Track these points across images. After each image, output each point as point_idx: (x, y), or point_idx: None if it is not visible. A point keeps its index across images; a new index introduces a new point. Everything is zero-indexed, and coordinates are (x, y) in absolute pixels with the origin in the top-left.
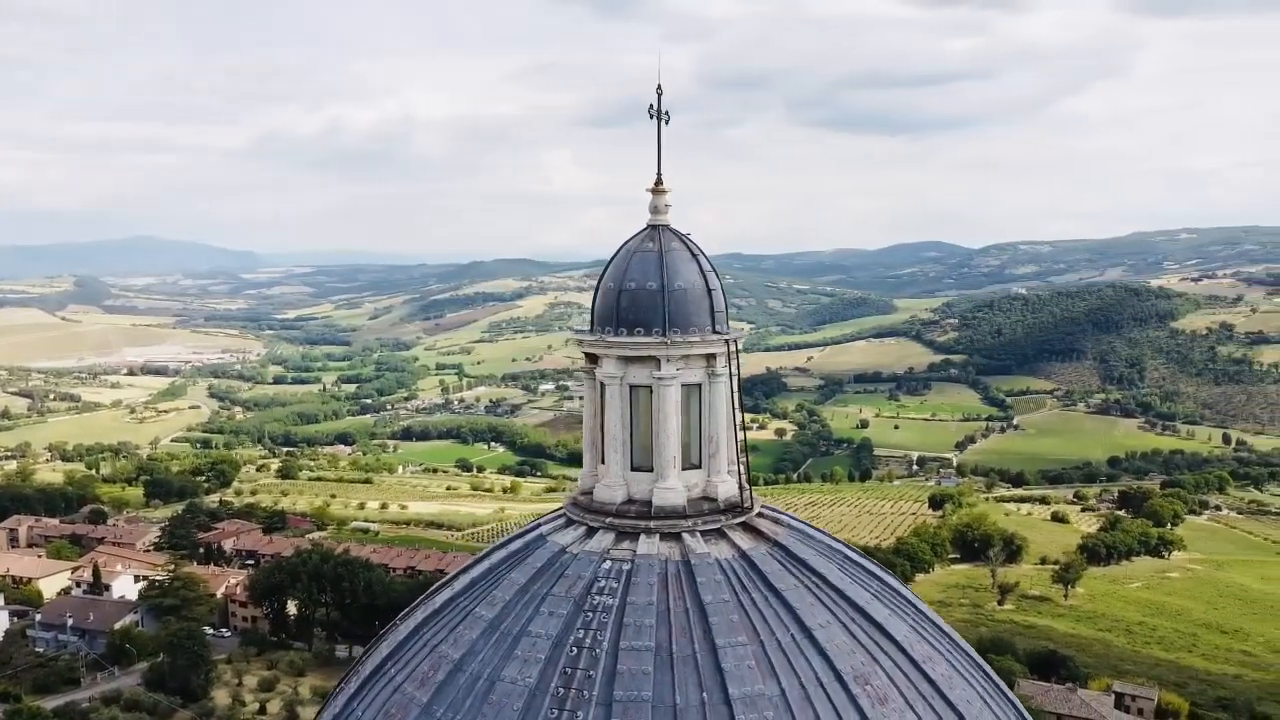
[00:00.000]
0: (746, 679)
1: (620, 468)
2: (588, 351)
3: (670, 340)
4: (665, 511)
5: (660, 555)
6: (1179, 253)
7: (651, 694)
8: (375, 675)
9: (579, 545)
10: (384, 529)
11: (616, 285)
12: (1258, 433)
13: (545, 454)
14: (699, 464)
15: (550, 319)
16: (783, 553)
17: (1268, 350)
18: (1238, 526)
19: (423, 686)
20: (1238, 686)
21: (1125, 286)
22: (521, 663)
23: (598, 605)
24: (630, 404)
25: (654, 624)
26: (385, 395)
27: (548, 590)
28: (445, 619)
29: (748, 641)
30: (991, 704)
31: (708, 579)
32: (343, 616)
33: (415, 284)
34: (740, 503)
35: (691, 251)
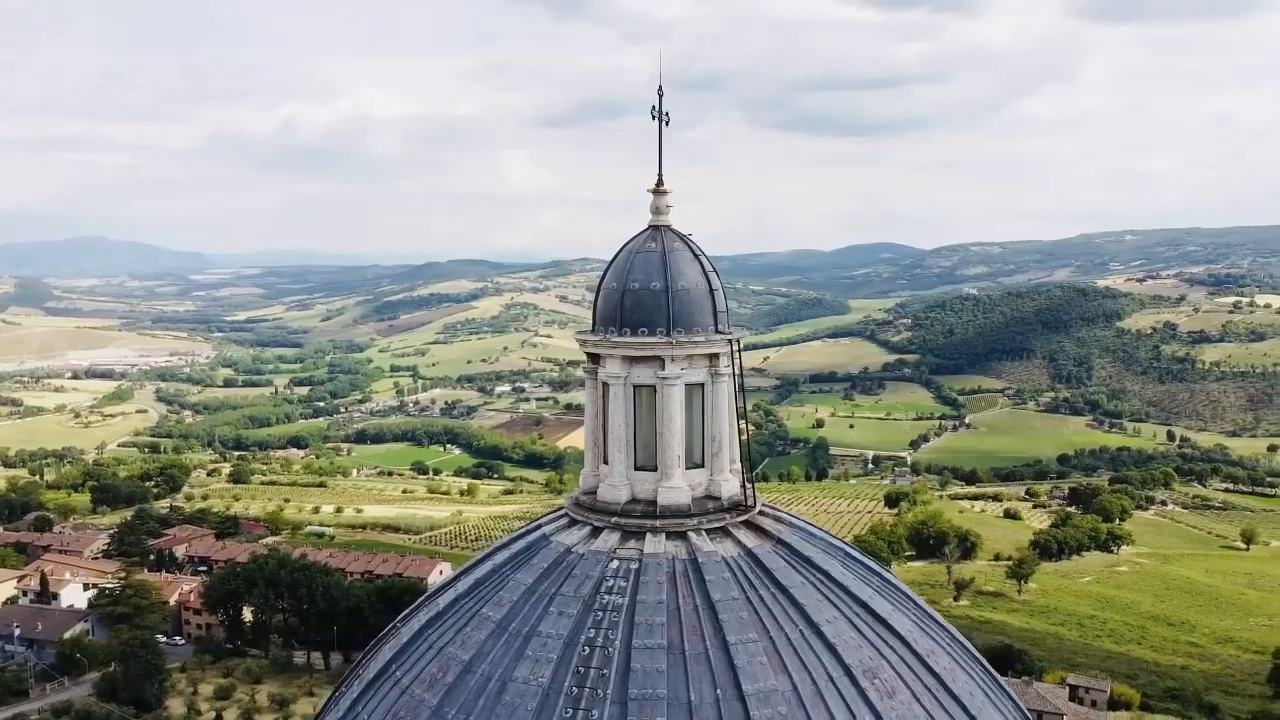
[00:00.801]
0: (759, 675)
1: (624, 467)
2: (590, 352)
3: (675, 340)
4: (670, 510)
5: (667, 554)
6: (1124, 254)
7: (666, 691)
8: (380, 678)
9: (584, 545)
10: (340, 533)
11: (620, 286)
12: (1200, 429)
13: (502, 456)
14: (702, 463)
15: (506, 320)
16: (787, 550)
17: (1209, 349)
18: (1183, 521)
19: (432, 688)
20: (1186, 677)
21: (1073, 287)
22: (533, 663)
23: (607, 604)
24: (633, 404)
25: (665, 622)
26: (338, 398)
27: (555, 590)
28: (451, 620)
29: (758, 638)
30: (991, 696)
31: (716, 577)
32: (301, 622)
33: (368, 285)
34: (743, 501)
35: (694, 252)
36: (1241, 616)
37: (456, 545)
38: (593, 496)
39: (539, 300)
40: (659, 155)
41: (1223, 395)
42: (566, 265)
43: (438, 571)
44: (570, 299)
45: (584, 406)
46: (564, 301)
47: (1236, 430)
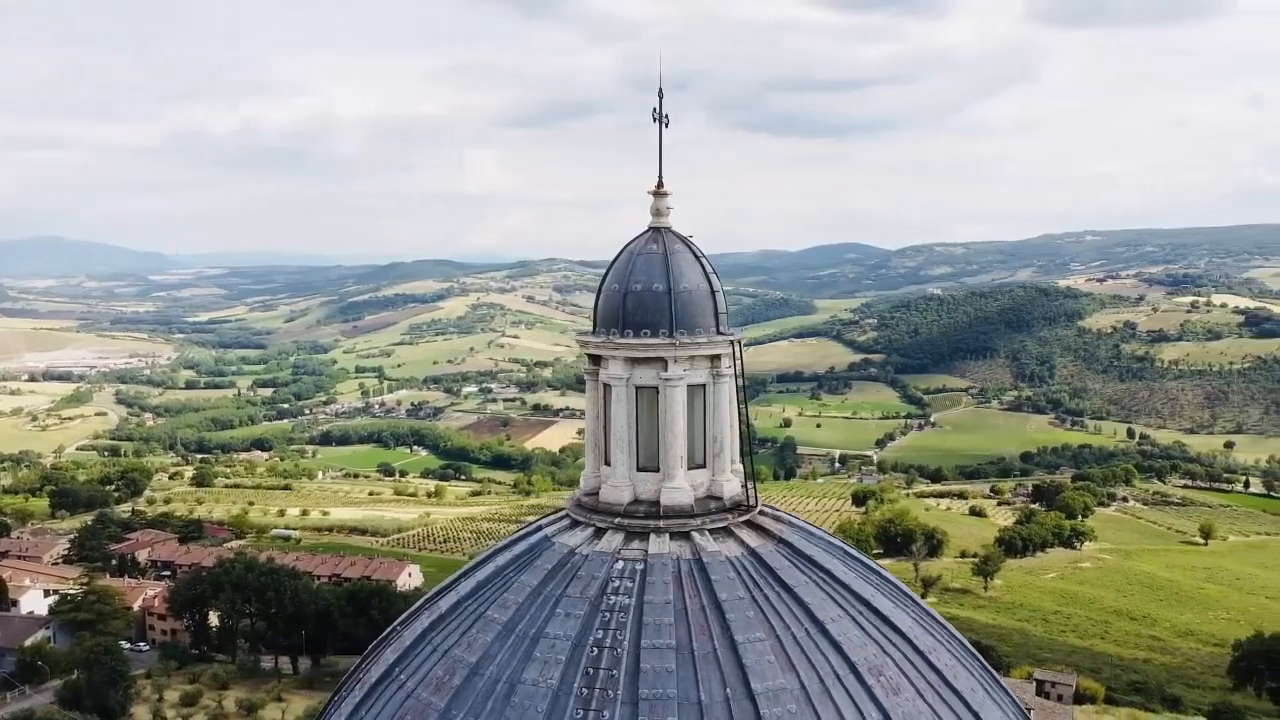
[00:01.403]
0: (767, 674)
1: (626, 468)
2: (591, 353)
3: (678, 342)
4: (674, 511)
5: (672, 554)
6: (1085, 254)
7: (676, 691)
8: (383, 682)
9: (588, 546)
10: (306, 536)
11: (622, 287)
12: (1159, 427)
13: (469, 457)
14: (703, 463)
15: (473, 320)
16: (789, 549)
17: (1167, 348)
18: (1143, 517)
19: (438, 691)
20: (1148, 670)
21: (1035, 287)
22: (541, 664)
23: (614, 605)
24: (635, 405)
25: (672, 622)
26: (303, 399)
27: (561, 592)
28: (454, 623)
29: (765, 637)
30: (991, 693)
31: (721, 577)
32: (268, 627)
33: (333, 285)
34: (744, 501)
35: (694, 253)
36: (1201, 610)
37: (425, 548)
38: (595, 498)
39: (506, 301)
40: (659, 157)
41: (1181, 393)
42: (533, 265)
43: (406, 574)
44: (537, 299)
45: (550, 407)
46: (531, 302)
47: (1194, 427)
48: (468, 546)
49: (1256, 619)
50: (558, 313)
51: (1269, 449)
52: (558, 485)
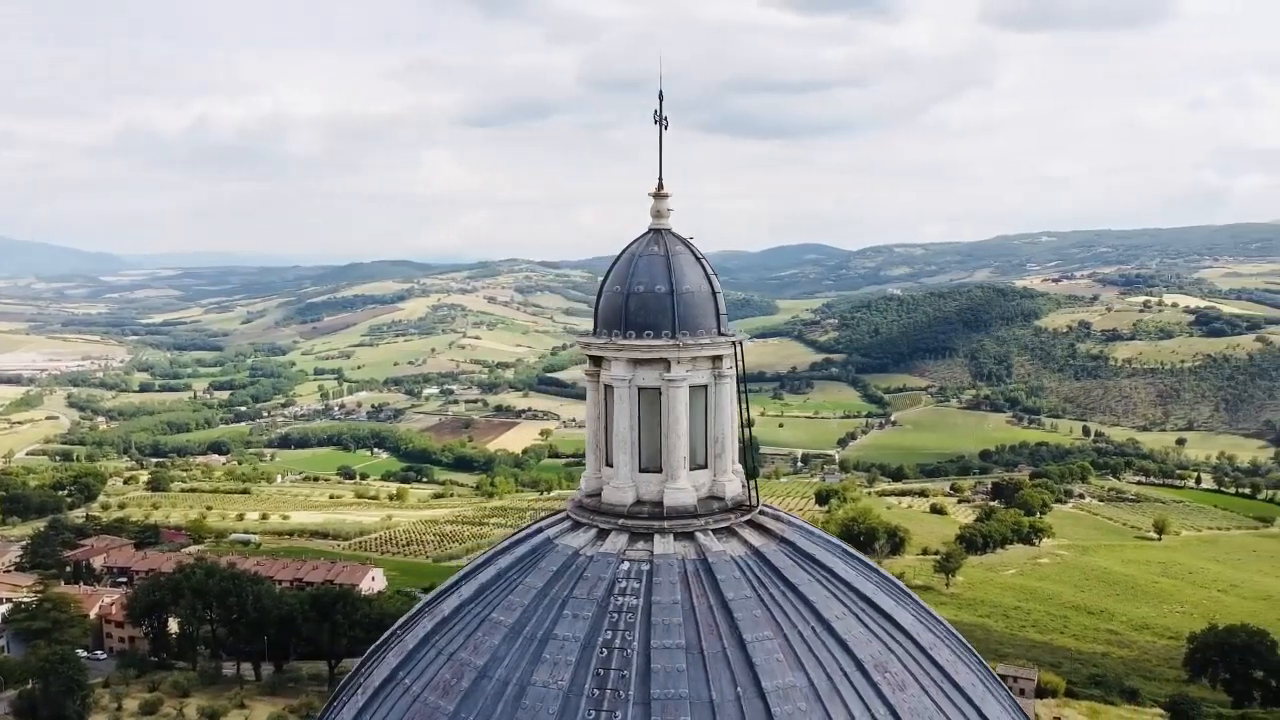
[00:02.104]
0: (777, 672)
1: (629, 470)
2: (592, 355)
3: (681, 342)
4: (678, 511)
5: (677, 555)
6: (1040, 255)
7: (688, 690)
8: (387, 686)
9: (592, 547)
10: (266, 540)
11: (624, 288)
12: (1114, 424)
13: (431, 459)
14: (705, 464)
15: (433, 321)
16: (791, 548)
17: (1121, 347)
18: (1099, 513)
19: (446, 695)
20: (1107, 664)
21: (992, 287)
22: (551, 666)
23: (622, 606)
24: (638, 406)
25: (681, 622)
26: (261, 402)
27: (568, 593)
28: (459, 626)
29: (773, 635)
30: (990, 688)
31: (727, 576)
32: (230, 633)
33: (290, 286)
34: (745, 501)
35: (695, 255)
36: (1156, 604)
37: (387, 551)
38: (597, 499)
39: (467, 301)
40: (659, 159)
41: (1134, 391)
42: (494, 266)
43: (369, 578)
44: (499, 300)
45: (512, 408)
46: (492, 303)
47: (1147, 425)
48: (431, 549)
49: (1210, 612)
50: (519, 314)
51: (1219, 445)
52: (521, 487)
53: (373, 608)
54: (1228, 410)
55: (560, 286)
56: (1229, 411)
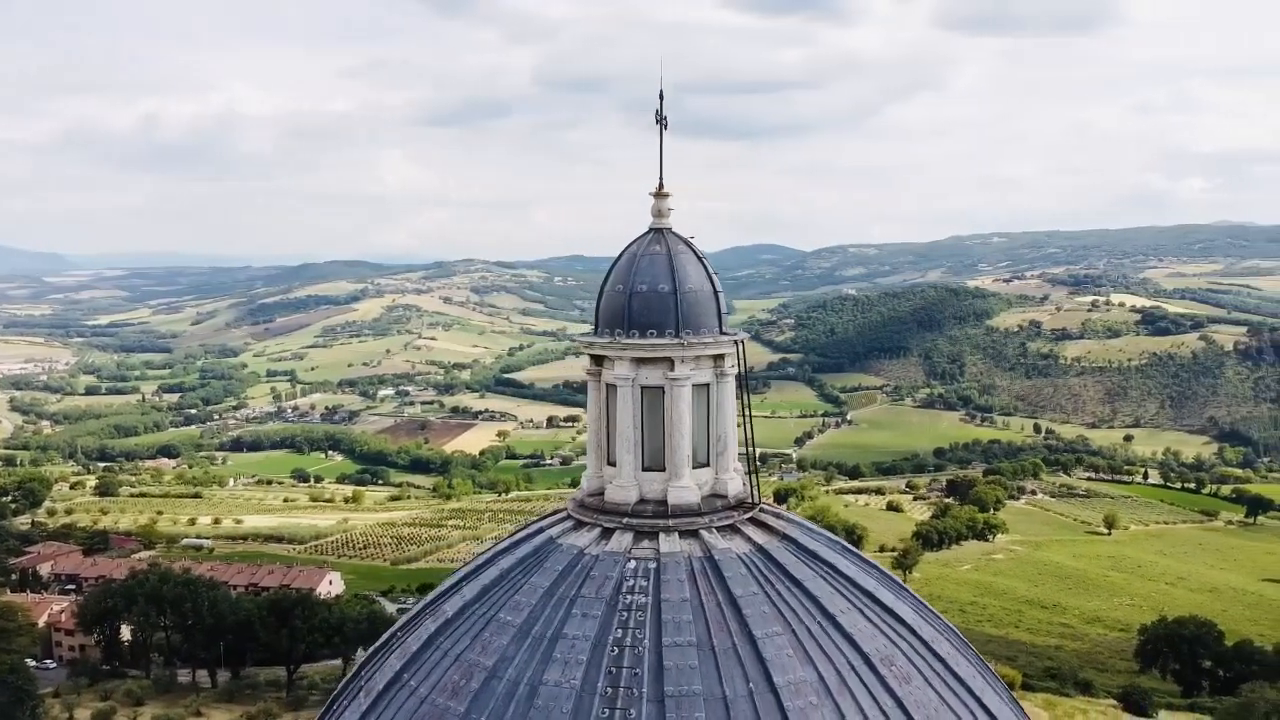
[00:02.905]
0: (787, 667)
1: (632, 468)
2: (594, 354)
3: (686, 342)
4: (682, 510)
5: (683, 553)
6: (992, 255)
7: (701, 687)
8: (392, 688)
9: (597, 547)
10: (219, 545)
11: (626, 288)
12: (1063, 422)
13: (387, 461)
14: (707, 462)
15: (388, 322)
16: (793, 545)
17: (1070, 346)
18: (1051, 509)
19: (456, 696)
20: (1061, 656)
21: (945, 287)
22: (562, 665)
23: (631, 604)
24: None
25: (691, 619)
26: (212, 404)
27: (575, 592)
28: (464, 627)
29: (782, 631)
30: (988, 680)
31: (734, 573)
32: (185, 640)
33: (241, 287)
34: (747, 498)
35: (696, 254)
36: (1107, 597)
37: (344, 554)
38: (599, 498)
39: (422, 302)
40: (660, 159)
41: (1083, 389)
42: (450, 266)
43: (327, 582)
44: (455, 300)
45: (469, 409)
46: (448, 303)
47: (1095, 422)
48: (389, 552)
49: (1159, 604)
50: (475, 314)
51: (1165, 442)
52: (479, 488)
53: (332, 612)
54: (1173, 407)
55: (517, 287)
56: (1174, 408)
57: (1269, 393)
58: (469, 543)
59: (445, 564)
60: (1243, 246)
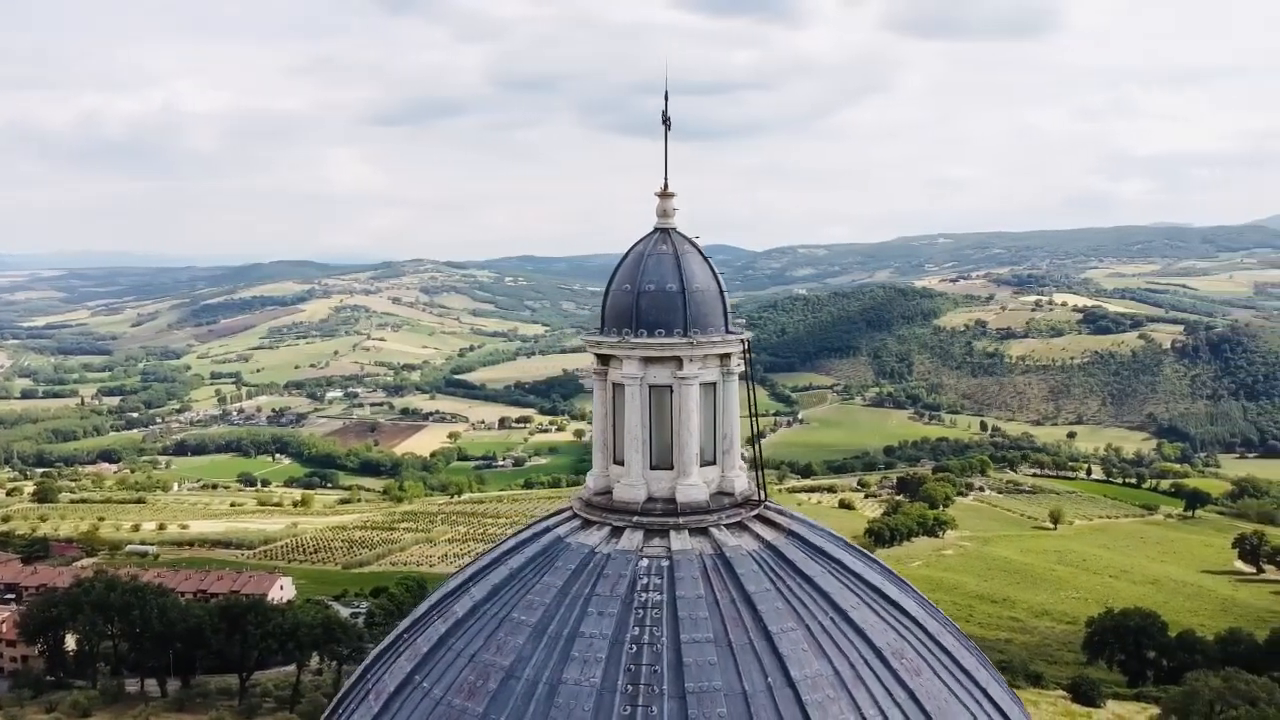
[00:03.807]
0: (804, 661)
1: (641, 467)
2: (600, 353)
3: (695, 341)
4: (691, 508)
5: (695, 550)
6: (938, 255)
7: (721, 682)
8: (404, 690)
9: (608, 545)
10: (165, 551)
11: (634, 287)
12: (1009, 419)
13: (336, 464)
14: (714, 460)
15: (336, 323)
16: (800, 541)
17: (1015, 345)
18: (999, 505)
19: (473, 697)
20: (1011, 650)
21: (893, 287)
22: (581, 664)
23: (646, 602)
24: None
25: (708, 616)
26: (154, 408)
27: (589, 591)
28: (476, 627)
29: (796, 626)
30: (990, 671)
31: (746, 570)
32: (132, 648)
33: (184, 287)
34: (752, 496)
35: (702, 254)
36: (1054, 591)
37: (295, 559)
38: (607, 497)
39: (370, 303)
40: (665, 159)
41: (1027, 387)
42: (399, 266)
43: (278, 587)
44: (404, 301)
45: (419, 411)
46: (397, 304)
47: (1040, 419)
48: (340, 556)
49: (1104, 597)
50: (425, 315)
51: (1106, 438)
52: (430, 490)
53: (286, 618)
54: (1113, 404)
55: (467, 287)
56: (1115, 405)
57: (1205, 390)
58: (422, 545)
59: (398, 567)
60: (1179, 247)
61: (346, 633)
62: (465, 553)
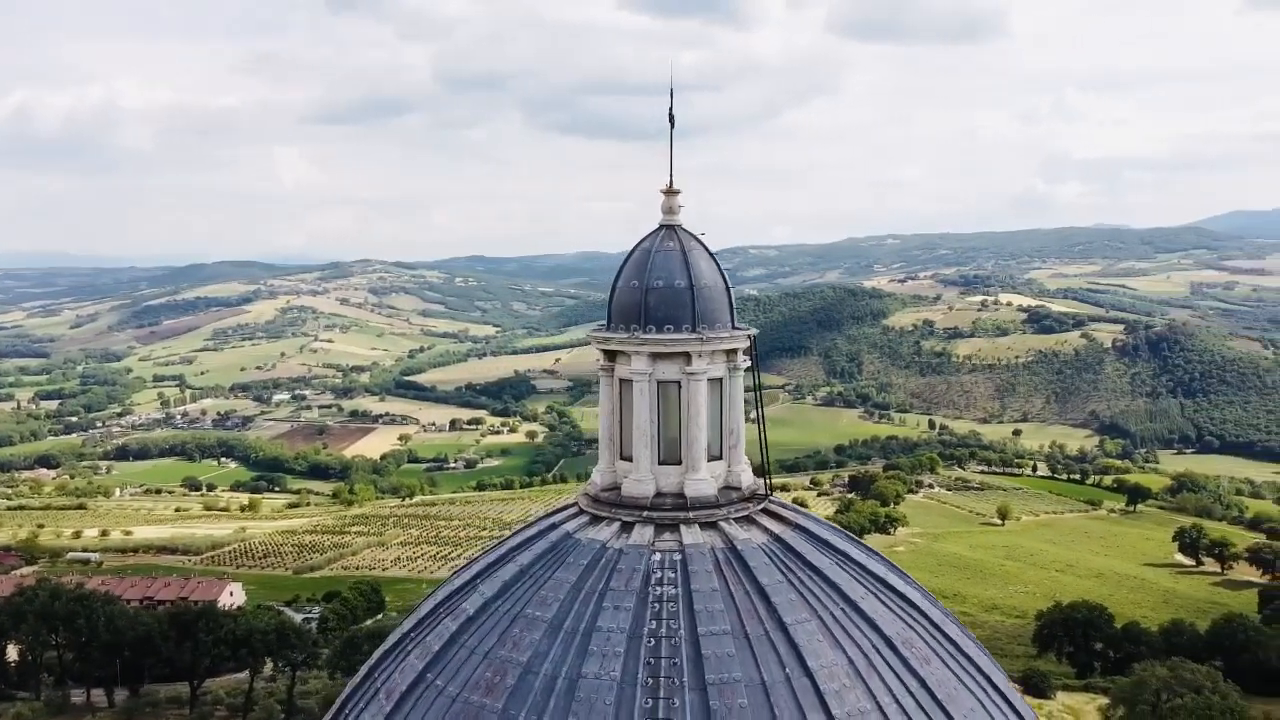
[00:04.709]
0: (819, 652)
1: (649, 462)
2: (608, 349)
3: (704, 336)
4: (700, 502)
5: (706, 544)
6: (886, 256)
7: (741, 674)
8: (416, 688)
9: (619, 540)
10: (108, 558)
11: (642, 283)
12: (956, 417)
13: (284, 468)
14: (720, 455)
15: (283, 324)
16: (806, 534)
17: (961, 344)
18: (948, 502)
19: (490, 693)
20: None
21: (843, 288)
22: (600, 658)
23: (662, 596)
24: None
25: (723, 608)
26: (94, 411)
27: (603, 586)
28: (488, 624)
29: (809, 617)
30: (988, 658)
31: (758, 563)
32: (78, 658)
33: (125, 288)
34: (758, 490)
35: (707, 251)
36: (1003, 585)
37: (244, 564)
38: (615, 492)
39: (318, 304)
40: (670, 158)
41: (974, 386)
42: (347, 267)
43: (228, 593)
44: (352, 302)
45: (368, 413)
46: (345, 305)
47: (986, 417)
48: (290, 561)
49: (1051, 590)
50: (374, 315)
51: (1051, 435)
52: (381, 494)
53: (238, 624)
54: (1057, 402)
55: (416, 288)
56: (1059, 403)
57: (1144, 387)
58: (374, 549)
59: (351, 571)
60: (1119, 249)
61: (301, 638)
62: (419, 555)
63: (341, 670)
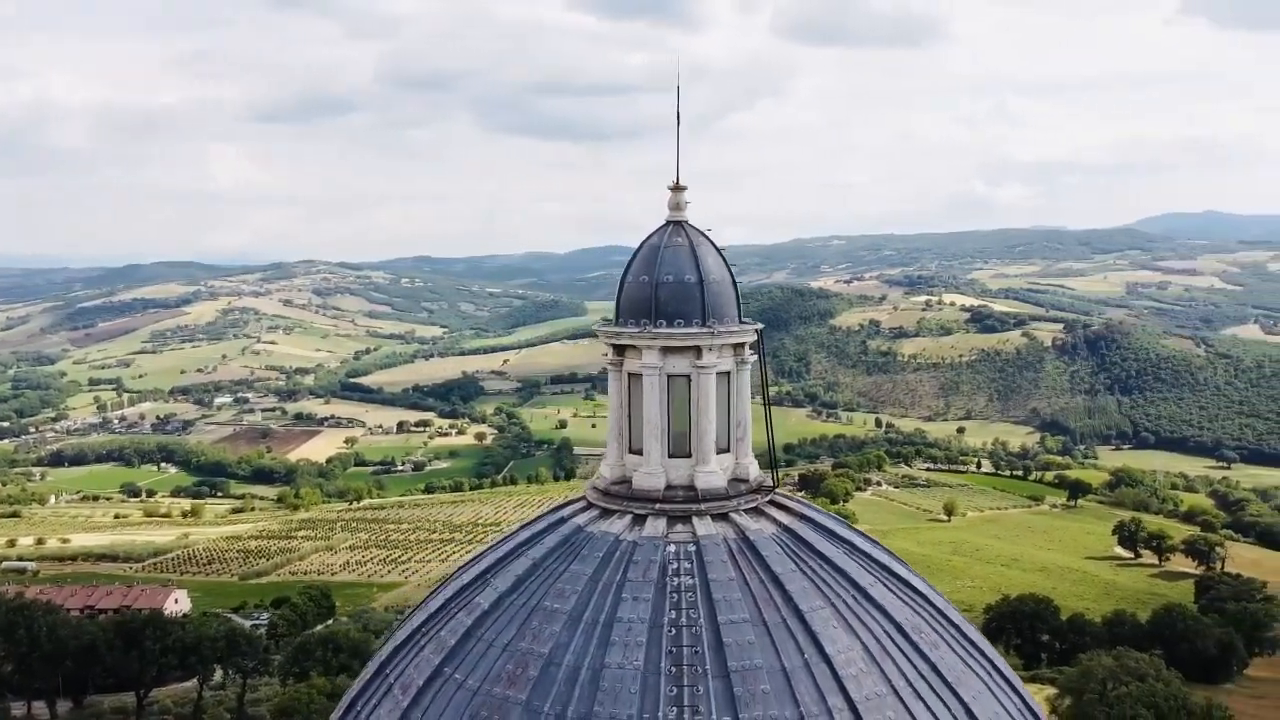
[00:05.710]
0: (835, 638)
1: (660, 456)
2: (616, 344)
3: (714, 330)
4: (711, 494)
5: (719, 535)
6: (832, 257)
7: (762, 661)
8: (434, 682)
9: (632, 533)
10: (45, 567)
11: (652, 278)
12: (902, 416)
13: (226, 472)
14: (728, 448)
15: (224, 326)
16: (813, 525)
17: (907, 343)
18: (895, 499)
19: (514, 685)
20: None
21: (791, 288)
22: (622, 648)
23: (679, 586)
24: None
25: (741, 597)
26: (26, 416)
27: (620, 577)
28: (504, 617)
29: (823, 605)
30: (989, 644)
31: (771, 552)
32: (17, 669)
33: (58, 289)
34: (765, 482)
35: (715, 246)
36: (951, 580)
37: (188, 571)
38: (625, 485)
39: (260, 305)
40: (676, 154)
41: (919, 384)
42: (289, 268)
43: (172, 600)
44: (295, 303)
45: (313, 415)
46: (289, 305)
47: (931, 415)
48: (236, 567)
49: (998, 585)
50: (318, 317)
51: (993, 432)
52: (327, 497)
53: (187, 631)
54: (1000, 400)
55: (361, 288)
56: (1001, 401)
57: (1083, 385)
58: (322, 554)
59: (299, 576)
60: (1057, 249)
61: (252, 645)
62: (368, 559)
63: (294, 676)
